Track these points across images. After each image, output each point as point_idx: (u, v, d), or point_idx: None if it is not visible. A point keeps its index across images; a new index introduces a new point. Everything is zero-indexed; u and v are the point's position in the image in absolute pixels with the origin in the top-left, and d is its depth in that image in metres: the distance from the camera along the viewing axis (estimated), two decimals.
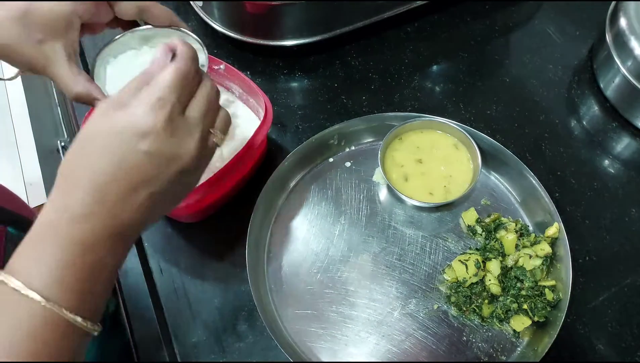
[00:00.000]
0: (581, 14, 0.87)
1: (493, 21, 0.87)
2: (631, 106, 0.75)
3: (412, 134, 0.72)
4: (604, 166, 0.74)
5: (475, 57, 0.83)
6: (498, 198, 0.70)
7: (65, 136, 1.17)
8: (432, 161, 0.70)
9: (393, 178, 0.69)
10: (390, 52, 0.83)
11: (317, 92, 0.80)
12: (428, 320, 0.62)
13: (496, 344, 0.61)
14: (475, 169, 0.68)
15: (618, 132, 0.76)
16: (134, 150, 0.39)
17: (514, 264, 0.64)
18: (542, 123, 0.76)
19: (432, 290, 0.64)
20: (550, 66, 0.82)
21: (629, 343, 0.62)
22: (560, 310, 0.60)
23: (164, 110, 0.40)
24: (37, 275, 0.37)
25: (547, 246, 0.63)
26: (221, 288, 0.65)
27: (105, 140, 0.40)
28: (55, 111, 1.23)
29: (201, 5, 0.80)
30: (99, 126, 0.41)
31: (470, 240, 0.67)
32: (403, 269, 0.65)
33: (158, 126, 0.40)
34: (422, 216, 0.69)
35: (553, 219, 0.65)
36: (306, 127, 0.76)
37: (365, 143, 0.74)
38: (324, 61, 0.82)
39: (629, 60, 0.72)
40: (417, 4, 0.81)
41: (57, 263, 0.37)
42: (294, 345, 0.61)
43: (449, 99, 0.79)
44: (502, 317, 0.62)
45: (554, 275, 0.63)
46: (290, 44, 0.78)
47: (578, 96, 0.80)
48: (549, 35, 0.85)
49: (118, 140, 0.39)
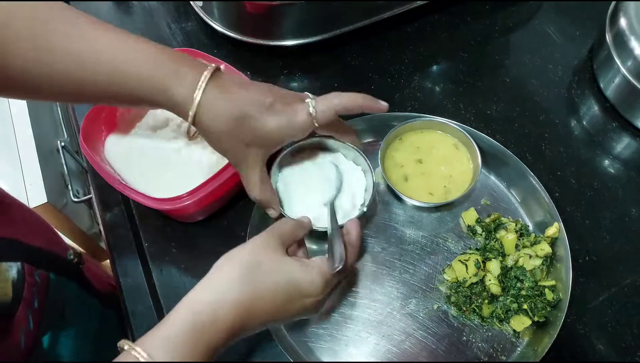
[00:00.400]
0: (581, 14, 0.87)
1: (493, 21, 0.87)
2: (631, 106, 0.75)
3: (412, 134, 0.72)
4: (604, 166, 0.74)
5: (475, 57, 0.83)
6: (498, 198, 0.70)
7: (65, 136, 1.17)
8: (432, 161, 0.70)
9: (393, 178, 0.69)
10: (390, 52, 0.83)
11: (317, 92, 0.79)
12: (428, 320, 0.62)
13: (496, 344, 0.61)
14: (475, 169, 0.68)
15: (618, 132, 0.76)
16: (296, 301, 0.49)
17: (514, 264, 0.64)
18: (542, 123, 0.76)
19: (432, 290, 0.64)
20: (550, 66, 0.82)
21: (629, 343, 0.62)
22: (560, 310, 0.60)
23: (328, 289, 0.52)
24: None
25: (547, 246, 0.63)
26: None
27: (274, 279, 0.48)
28: (55, 111, 1.23)
29: (201, 5, 0.81)
30: (269, 259, 0.49)
31: (470, 240, 0.67)
32: (403, 269, 0.65)
33: (320, 296, 0.51)
34: (422, 216, 0.69)
35: (553, 219, 0.65)
36: None
37: (365, 143, 0.74)
38: (324, 61, 0.82)
39: (629, 60, 0.72)
40: (417, 4, 0.81)
41: (184, 353, 0.42)
42: (294, 345, 0.61)
43: (449, 99, 0.79)
44: (502, 317, 0.62)
45: (554, 275, 0.63)
46: (290, 44, 0.78)
47: (578, 96, 0.80)
48: (549, 35, 0.85)
49: (287, 289, 0.48)
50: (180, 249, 0.67)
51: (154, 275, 0.66)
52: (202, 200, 0.61)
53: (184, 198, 0.59)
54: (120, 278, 0.66)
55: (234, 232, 0.68)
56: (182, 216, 0.68)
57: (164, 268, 0.66)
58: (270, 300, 0.47)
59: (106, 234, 0.70)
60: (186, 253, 0.67)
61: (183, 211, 0.65)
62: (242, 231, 0.66)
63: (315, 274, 0.50)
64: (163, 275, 0.66)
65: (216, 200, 0.67)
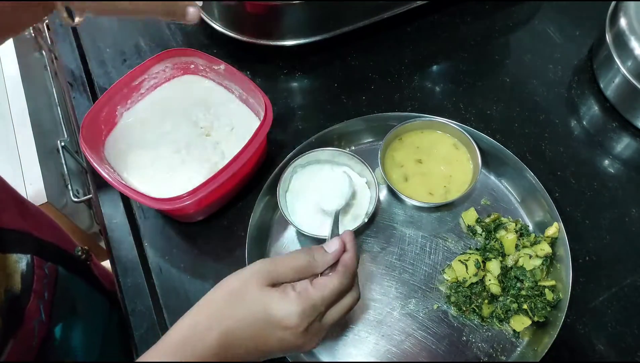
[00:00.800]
0: (581, 14, 0.87)
1: (493, 21, 0.87)
2: (631, 106, 0.75)
3: (412, 134, 0.72)
4: (604, 166, 0.74)
5: (475, 57, 0.83)
6: (498, 198, 0.70)
7: (65, 136, 1.16)
8: (432, 161, 0.70)
9: (393, 178, 0.69)
10: (390, 52, 0.83)
11: (317, 92, 0.80)
12: (428, 320, 0.62)
13: (496, 344, 0.61)
14: (475, 169, 0.68)
15: (618, 132, 0.76)
16: (271, 332, 0.47)
17: (514, 264, 0.64)
18: (542, 123, 0.76)
19: (432, 290, 0.64)
20: (550, 66, 0.82)
21: (629, 343, 0.62)
22: (560, 310, 0.60)
23: (310, 318, 0.48)
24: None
25: (547, 246, 0.63)
26: None
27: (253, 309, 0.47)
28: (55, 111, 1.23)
29: (201, 5, 0.80)
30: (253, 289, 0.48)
31: (470, 240, 0.67)
32: (403, 269, 0.65)
33: (300, 328, 0.47)
34: (422, 216, 0.69)
35: (553, 219, 0.65)
36: (306, 127, 0.76)
37: (365, 143, 0.74)
38: (324, 61, 0.82)
39: (629, 60, 0.72)
40: (417, 4, 0.81)
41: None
42: None
43: (449, 99, 0.79)
44: (502, 317, 0.62)
45: (554, 275, 0.63)
46: (290, 44, 0.78)
47: (578, 96, 0.80)
48: (549, 35, 0.85)
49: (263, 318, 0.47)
50: (180, 249, 0.67)
51: (153, 275, 0.66)
52: (202, 200, 0.61)
53: (184, 198, 0.59)
54: (119, 278, 0.66)
55: (234, 232, 0.68)
56: (182, 216, 0.68)
57: (163, 267, 0.66)
58: (248, 329, 0.47)
59: (106, 234, 0.70)
60: (186, 253, 0.67)
61: (183, 211, 0.65)
62: (242, 231, 0.66)
63: (291, 304, 0.47)
64: (162, 274, 0.66)
65: (216, 200, 0.67)
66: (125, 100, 0.70)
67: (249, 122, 0.70)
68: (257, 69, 0.81)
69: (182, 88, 0.73)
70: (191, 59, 0.72)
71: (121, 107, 0.70)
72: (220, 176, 0.60)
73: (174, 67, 0.72)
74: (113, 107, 0.69)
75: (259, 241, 0.66)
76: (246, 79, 0.68)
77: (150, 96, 0.72)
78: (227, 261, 0.66)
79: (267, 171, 0.69)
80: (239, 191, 0.70)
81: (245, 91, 0.70)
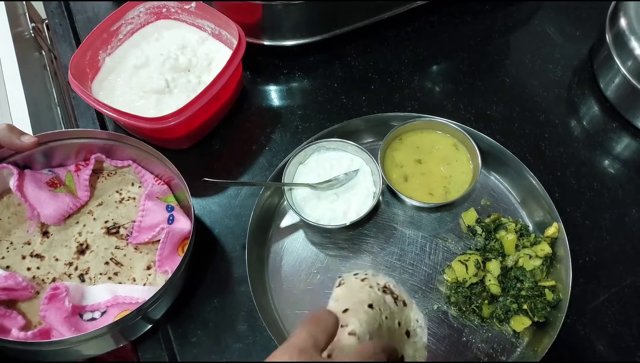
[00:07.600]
0: (581, 14, 0.87)
1: (493, 21, 0.87)
2: (631, 106, 0.75)
3: (412, 135, 0.72)
4: (604, 166, 0.74)
5: (475, 57, 0.83)
6: (498, 198, 0.70)
7: None
8: (432, 161, 0.70)
9: (393, 178, 0.69)
10: (390, 52, 0.83)
11: (317, 92, 0.80)
12: (428, 320, 0.62)
13: (496, 344, 0.61)
14: (475, 170, 0.68)
15: (618, 132, 0.76)
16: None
17: (513, 264, 0.64)
18: (542, 123, 0.76)
19: (432, 291, 0.64)
20: (550, 66, 0.82)
21: (629, 344, 0.62)
22: (560, 310, 0.60)
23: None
24: None
25: (547, 246, 0.63)
26: (221, 288, 0.65)
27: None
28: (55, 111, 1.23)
29: None
30: None
31: (470, 240, 0.67)
32: (403, 269, 0.65)
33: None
34: (422, 216, 0.69)
35: (553, 219, 0.65)
36: (306, 127, 0.76)
37: (366, 143, 0.74)
38: (323, 61, 0.82)
39: (629, 60, 0.72)
40: (417, 4, 0.81)
41: None
42: None
43: (449, 99, 0.79)
44: (502, 317, 0.62)
45: (554, 276, 0.63)
46: (290, 44, 0.78)
47: (578, 96, 0.80)
48: (549, 35, 0.85)
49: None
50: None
51: None
52: (189, 121, 0.66)
53: (172, 117, 0.64)
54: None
55: (234, 232, 0.68)
56: (173, 140, 0.71)
57: None
58: None
59: None
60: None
61: (173, 134, 0.69)
62: (242, 231, 0.66)
63: (282, 351, 0.42)
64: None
65: (201, 124, 0.71)
66: (105, 45, 0.75)
67: (224, 54, 0.75)
68: (257, 69, 0.81)
69: (158, 32, 0.79)
70: (163, 2, 0.77)
71: (103, 52, 0.75)
72: (204, 96, 0.66)
73: (147, 12, 0.77)
74: (95, 51, 0.74)
75: (259, 241, 0.67)
76: (217, 12, 0.73)
77: (128, 41, 0.77)
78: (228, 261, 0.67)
79: (268, 168, 0.69)
80: (225, 116, 0.75)
81: (218, 26, 0.75)
